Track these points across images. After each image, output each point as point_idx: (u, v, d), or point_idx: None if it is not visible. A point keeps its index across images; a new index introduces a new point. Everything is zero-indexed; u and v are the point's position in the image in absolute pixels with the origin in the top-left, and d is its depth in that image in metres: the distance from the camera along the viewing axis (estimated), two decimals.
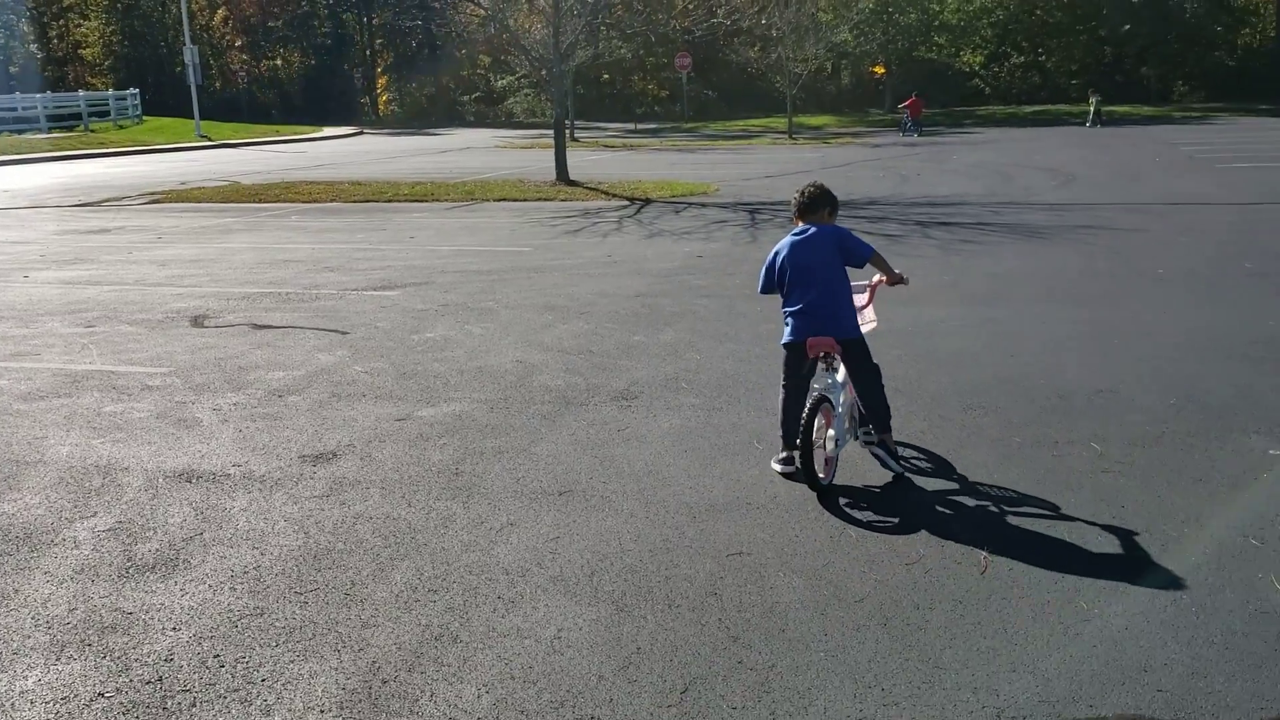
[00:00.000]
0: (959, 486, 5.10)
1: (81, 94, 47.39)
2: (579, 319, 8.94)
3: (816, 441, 4.91)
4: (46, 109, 43.55)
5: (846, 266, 5.23)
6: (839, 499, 4.94)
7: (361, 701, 3.40)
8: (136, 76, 59.29)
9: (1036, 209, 15.81)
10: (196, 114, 43.50)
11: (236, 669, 3.60)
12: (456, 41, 61.59)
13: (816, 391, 5.03)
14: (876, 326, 5.62)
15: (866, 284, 5.65)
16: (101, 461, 5.72)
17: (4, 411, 6.68)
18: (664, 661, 3.58)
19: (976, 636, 3.69)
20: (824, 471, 4.99)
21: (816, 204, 5.35)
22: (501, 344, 8.13)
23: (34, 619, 3.98)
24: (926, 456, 5.49)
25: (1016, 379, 6.80)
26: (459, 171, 25.80)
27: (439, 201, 19.22)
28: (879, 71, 54.38)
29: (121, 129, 44.72)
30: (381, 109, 69.80)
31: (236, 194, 21.15)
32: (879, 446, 5.21)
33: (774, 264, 5.30)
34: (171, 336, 8.67)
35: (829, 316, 5.11)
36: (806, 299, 5.14)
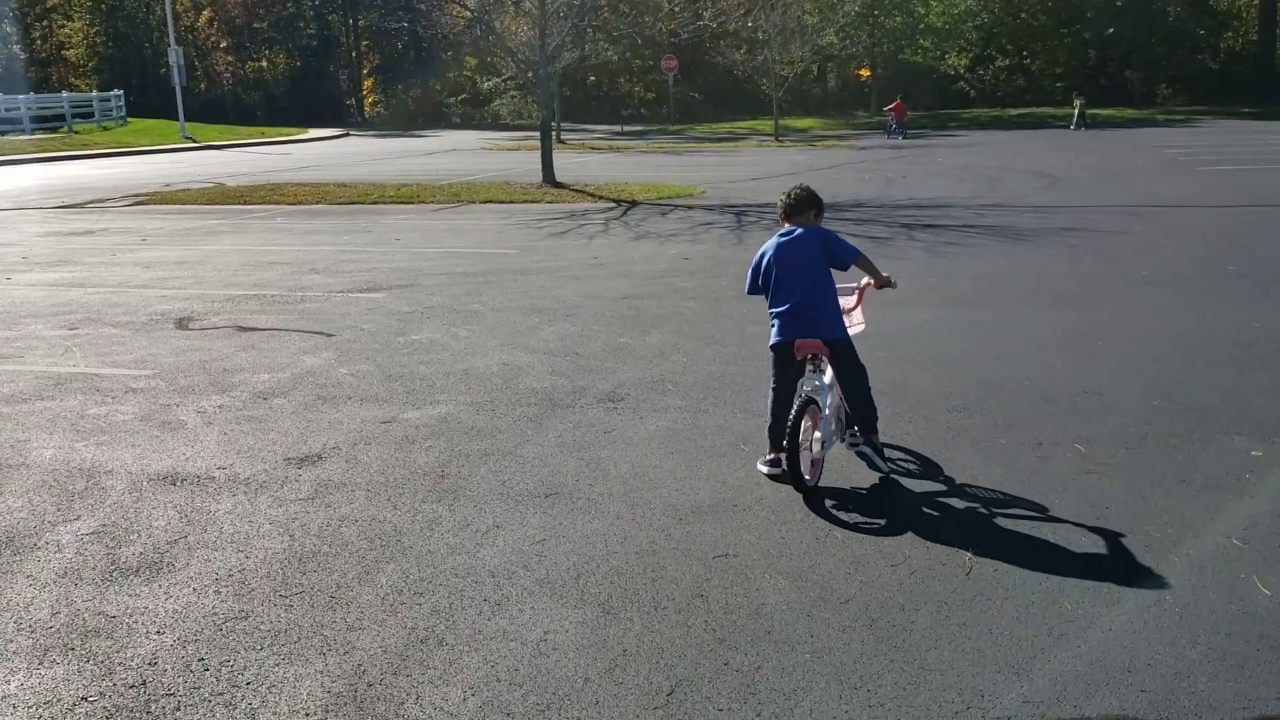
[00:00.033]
0: (944, 488, 5.12)
1: (65, 95, 47.07)
2: (565, 321, 8.93)
3: (803, 443, 4.92)
4: (30, 110, 43.26)
5: (832, 269, 5.25)
6: (825, 501, 4.95)
7: (347, 705, 3.39)
8: (121, 78, 58.94)
9: (1021, 211, 15.88)
10: (181, 115, 43.33)
11: (221, 673, 3.58)
12: (442, 43, 61.51)
13: (804, 393, 5.05)
14: (865, 329, 5.64)
15: (855, 286, 5.66)
16: (85, 464, 5.69)
17: None
18: (650, 663, 3.59)
19: (961, 638, 3.70)
20: (810, 473, 5.00)
21: (802, 206, 5.38)
22: (487, 346, 8.12)
23: (16, 623, 3.96)
24: (912, 458, 5.51)
25: (1001, 381, 6.83)
26: (445, 173, 25.76)
27: (425, 203, 19.19)
28: (865, 74, 54.56)
29: (106, 130, 44.46)
30: (367, 111, 69.64)
31: (221, 196, 21.07)
32: (865, 445, 5.23)
33: (760, 265, 5.32)
34: (156, 339, 8.63)
35: (815, 318, 5.14)
36: (792, 300, 5.16)
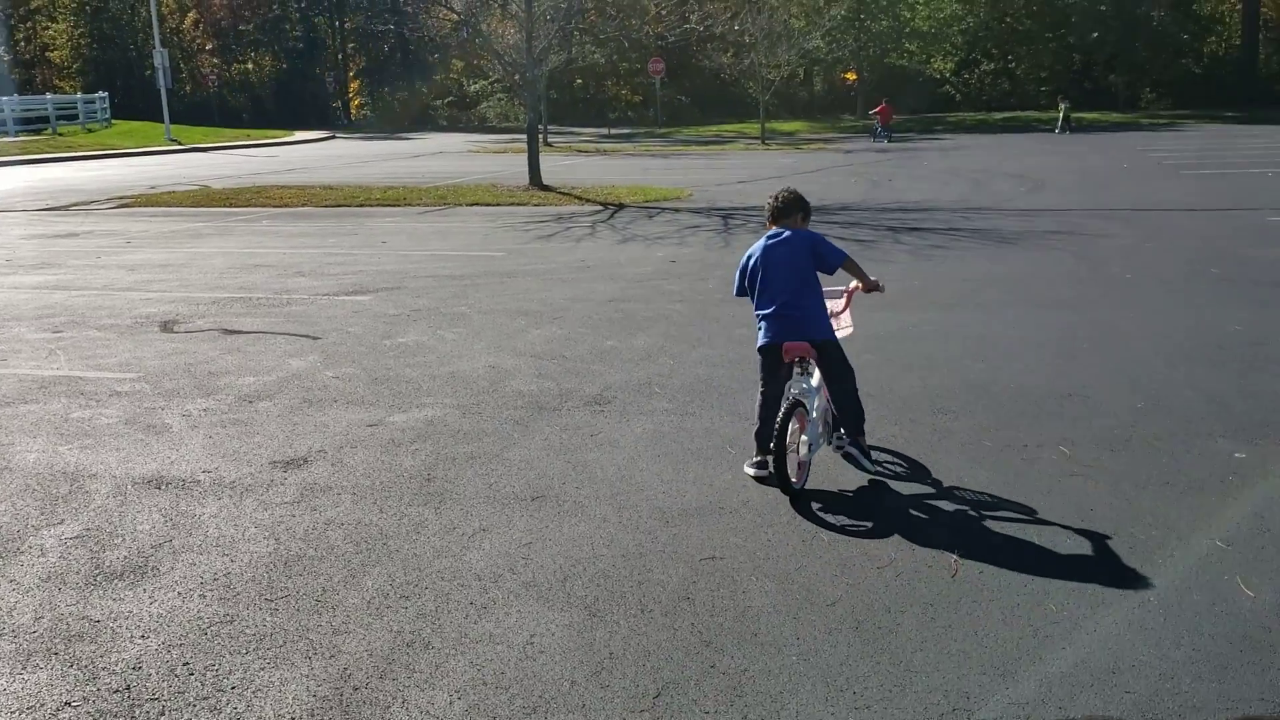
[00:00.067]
0: (930, 490, 5.13)
1: (49, 97, 46.86)
2: (552, 324, 8.93)
3: (790, 445, 4.93)
4: (14, 112, 42.97)
5: (819, 272, 5.27)
6: (811, 503, 4.96)
7: (333, 709, 3.38)
8: (105, 80, 58.69)
9: (1006, 215, 15.94)
10: (166, 118, 43.18)
11: (206, 677, 3.57)
12: (429, 46, 61.40)
13: (791, 396, 5.06)
14: (853, 332, 5.65)
15: (843, 290, 5.68)
16: (69, 468, 5.66)
17: None
18: (637, 666, 3.59)
19: (947, 639, 3.72)
20: (797, 476, 5.01)
21: (790, 209, 5.40)
22: (474, 349, 8.11)
23: None
24: (898, 460, 5.53)
25: (986, 383, 6.86)
26: (432, 176, 25.72)
27: (411, 206, 19.15)
28: (851, 78, 54.72)
29: (90, 133, 44.27)
30: (354, 113, 69.49)
31: (207, 198, 20.98)
32: (852, 446, 5.24)
33: (748, 267, 5.34)
34: (140, 342, 8.59)
35: (801, 319, 5.15)
36: (779, 302, 5.17)
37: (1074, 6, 54.10)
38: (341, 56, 70.11)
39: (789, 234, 5.28)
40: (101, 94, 49.41)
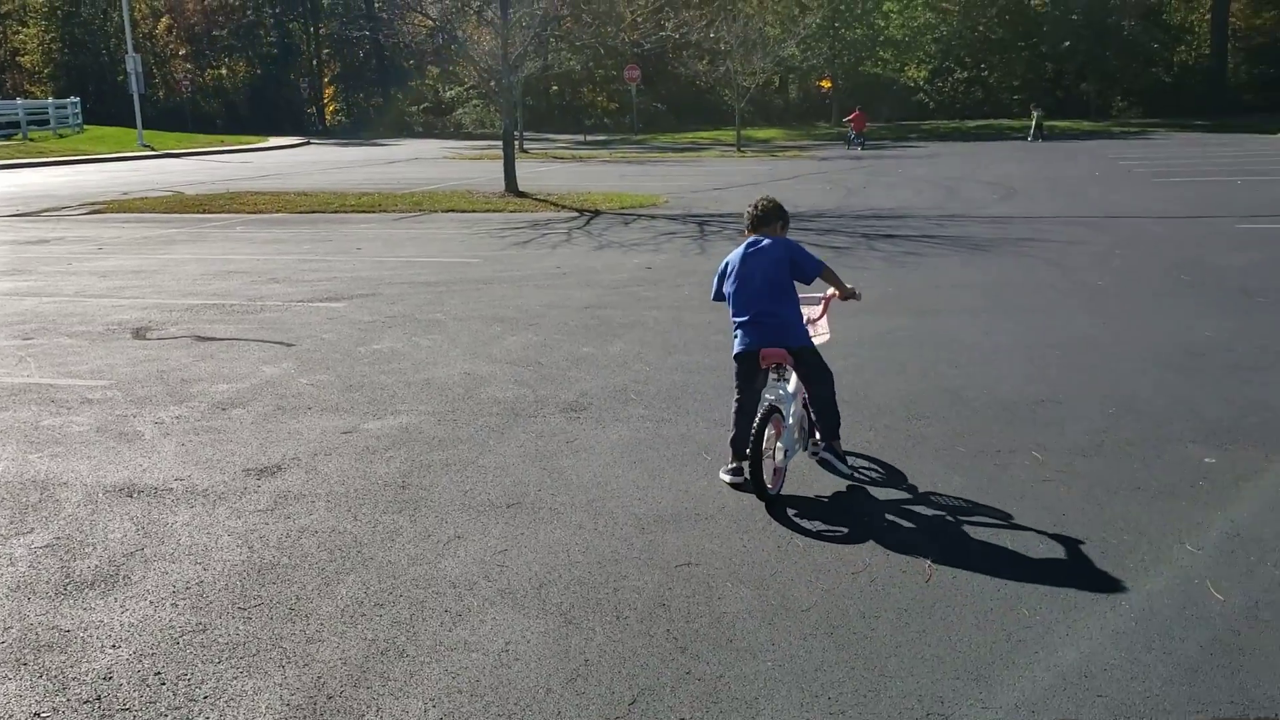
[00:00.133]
0: (905, 496, 5.16)
1: (20, 102, 46.50)
2: (528, 330, 8.92)
3: (766, 452, 4.95)
4: None
5: (796, 281, 5.29)
6: (787, 509, 4.97)
7: (306, 717, 3.35)
8: (77, 85, 58.20)
9: (979, 222, 16.05)
10: (139, 123, 42.89)
11: (178, 686, 3.54)
12: (405, 52, 61.32)
13: (768, 402, 5.07)
14: (830, 339, 5.68)
15: (820, 297, 5.71)
16: (39, 476, 5.60)
17: None
18: (612, 673, 3.58)
19: (921, 645, 3.73)
20: (772, 482, 5.02)
21: (769, 218, 5.44)
22: (449, 356, 8.08)
23: None
24: (873, 465, 5.55)
25: (960, 389, 6.90)
26: (407, 182, 25.65)
27: (386, 212, 19.09)
28: (826, 85, 54.97)
29: (62, 138, 43.93)
30: (328, 119, 69.23)
31: (180, 204, 20.85)
32: (827, 451, 5.27)
33: (725, 273, 5.37)
34: (112, 349, 8.52)
35: (778, 326, 5.17)
36: (754, 310, 5.19)
37: (1046, 16, 54.70)
38: (316, 62, 69.87)
39: (767, 242, 5.31)
40: (73, 99, 49.02)
